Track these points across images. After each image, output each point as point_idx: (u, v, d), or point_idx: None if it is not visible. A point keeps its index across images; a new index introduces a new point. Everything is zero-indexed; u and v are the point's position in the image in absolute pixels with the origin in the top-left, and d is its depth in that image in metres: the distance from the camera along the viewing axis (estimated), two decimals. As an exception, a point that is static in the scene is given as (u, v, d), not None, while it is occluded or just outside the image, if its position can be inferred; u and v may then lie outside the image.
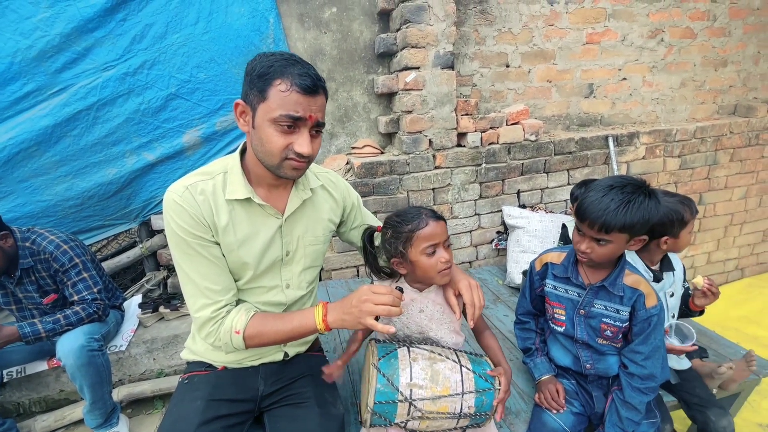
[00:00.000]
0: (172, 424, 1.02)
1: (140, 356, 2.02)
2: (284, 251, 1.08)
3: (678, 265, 1.44)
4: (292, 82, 0.86)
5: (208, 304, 0.99)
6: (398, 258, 1.09)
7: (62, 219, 2.11)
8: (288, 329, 0.99)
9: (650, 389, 1.16)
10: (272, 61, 0.88)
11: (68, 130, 1.98)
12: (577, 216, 1.15)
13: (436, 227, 1.05)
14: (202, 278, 0.98)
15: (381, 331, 0.91)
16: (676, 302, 1.42)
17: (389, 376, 1.01)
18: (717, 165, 3.00)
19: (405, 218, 1.08)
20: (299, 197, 1.08)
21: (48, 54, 1.88)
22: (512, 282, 2.27)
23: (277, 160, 0.92)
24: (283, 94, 0.86)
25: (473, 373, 1.06)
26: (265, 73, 0.87)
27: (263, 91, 0.87)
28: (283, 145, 0.90)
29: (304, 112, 0.89)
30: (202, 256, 0.97)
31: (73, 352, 1.57)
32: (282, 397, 1.14)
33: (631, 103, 2.92)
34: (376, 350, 1.07)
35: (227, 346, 1.00)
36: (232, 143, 2.25)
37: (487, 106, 2.62)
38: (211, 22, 2.04)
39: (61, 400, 1.96)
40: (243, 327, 0.98)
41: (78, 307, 1.69)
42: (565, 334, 1.29)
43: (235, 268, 1.03)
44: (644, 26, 2.78)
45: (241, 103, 0.93)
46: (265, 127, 0.89)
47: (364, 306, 0.91)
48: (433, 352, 1.08)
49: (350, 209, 1.27)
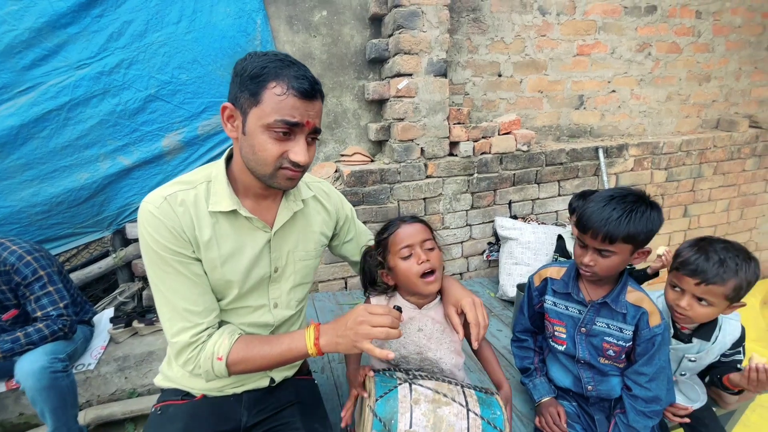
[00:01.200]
0: None
1: (111, 375, 1.88)
2: (272, 267, 0.99)
3: (730, 334, 1.19)
4: (288, 84, 0.79)
5: (187, 327, 0.88)
6: (384, 270, 1.05)
7: (28, 227, 1.96)
8: (276, 354, 0.90)
9: (655, 413, 1.11)
10: (266, 61, 0.80)
11: (36, 132, 1.84)
12: (578, 227, 1.11)
13: (408, 228, 1.01)
14: (180, 299, 0.88)
15: (379, 356, 0.82)
16: (696, 368, 1.24)
17: (386, 422, 0.91)
18: (701, 178, 3.05)
19: (383, 228, 1.07)
20: (290, 209, 0.99)
21: (16, 49, 1.75)
22: (504, 295, 2.22)
23: (270, 170, 0.84)
24: (279, 98, 0.79)
25: (481, 420, 0.97)
26: (259, 75, 0.79)
27: (256, 95, 0.79)
28: (277, 153, 0.82)
29: (301, 117, 0.82)
30: (181, 275, 0.87)
31: (34, 374, 1.43)
32: (268, 428, 1.03)
33: (619, 115, 2.95)
34: (374, 388, 0.97)
35: (208, 374, 0.90)
36: (215, 148, 2.14)
37: (479, 116, 2.59)
38: (194, 21, 1.94)
39: (21, 425, 1.80)
40: (226, 353, 0.89)
41: (41, 324, 1.55)
42: (565, 353, 1.24)
43: (218, 286, 0.93)
44: (632, 40, 2.82)
45: (230, 106, 0.84)
46: (258, 133, 0.81)
47: (360, 329, 0.82)
48: (438, 392, 0.98)
49: (344, 222, 1.20)
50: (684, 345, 1.21)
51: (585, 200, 1.48)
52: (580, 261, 1.11)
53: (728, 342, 1.19)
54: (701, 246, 1.10)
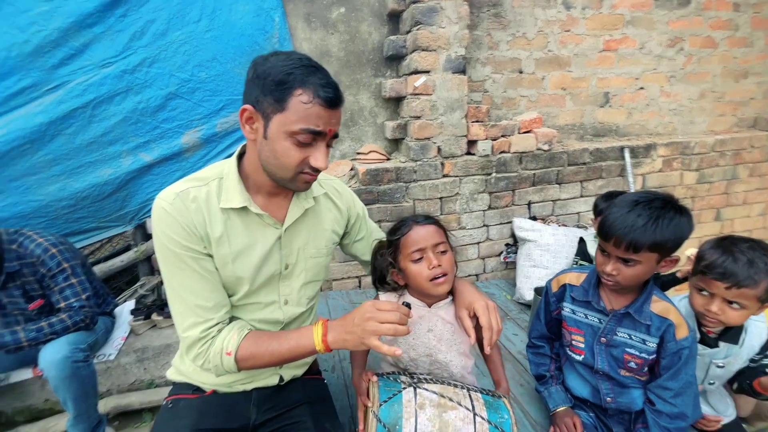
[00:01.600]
0: None
1: (130, 366, 1.93)
2: (283, 264, 0.99)
3: (758, 335, 1.14)
4: (314, 93, 0.79)
5: (198, 322, 0.89)
6: (395, 270, 1.03)
7: (54, 220, 2.04)
8: (285, 350, 0.90)
9: (680, 430, 1.05)
10: (290, 66, 0.79)
11: (63, 128, 1.90)
12: (600, 235, 1.05)
13: (420, 231, 0.99)
14: (192, 294, 0.89)
15: (386, 353, 0.81)
16: (723, 374, 1.18)
17: (390, 427, 0.89)
18: (736, 180, 2.89)
19: (394, 227, 1.04)
20: (301, 206, 0.99)
21: (45, 49, 1.81)
22: (522, 298, 2.16)
23: (291, 174, 0.86)
24: (305, 106, 0.79)
25: (489, 424, 0.94)
26: (284, 81, 0.78)
27: (281, 101, 0.79)
28: (299, 160, 0.83)
29: (325, 126, 0.82)
30: (192, 270, 0.88)
31: (56, 364, 1.47)
32: (277, 427, 1.03)
33: (648, 113, 2.82)
34: (378, 392, 0.95)
35: (217, 368, 0.91)
36: (233, 145, 2.17)
37: (499, 114, 2.53)
38: (214, 19, 1.96)
39: (46, 410, 1.87)
40: (235, 348, 0.89)
41: (64, 315, 1.60)
42: (583, 364, 1.18)
43: (229, 282, 0.94)
44: (663, 34, 2.69)
45: (250, 108, 0.83)
46: (281, 139, 0.82)
47: (368, 325, 0.81)
48: (444, 396, 0.96)
49: (355, 220, 1.18)
50: (711, 350, 1.15)
51: (611, 201, 1.42)
52: (601, 270, 1.06)
53: (756, 345, 1.13)
54: (725, 246, 1.04)
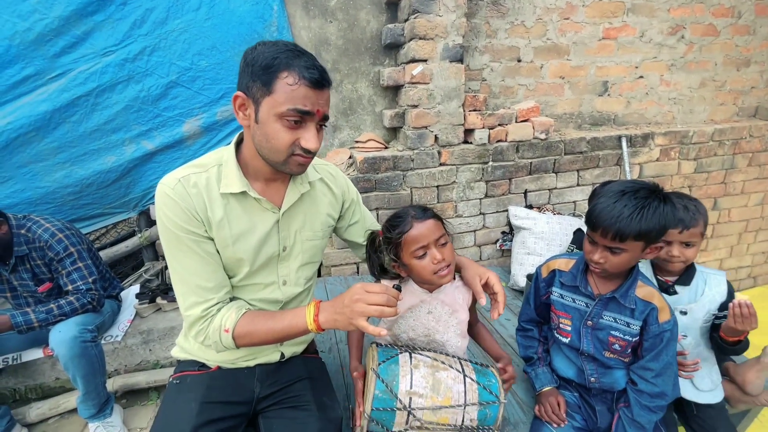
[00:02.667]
0: (164, 427, 0.98)
1: (136, 347, 2.00)
2: (281, 246, 1.04)
3: (716, 287, 1.26)
4: (299, 75, 0.82)
5: (199, 302, 0.95)
6: (396, 263, 1.05)
7: (61, 206, 2.09)
8: (279, 328, 0.95)
9: (660, 407, 1.10)
10: (276, 51, 0.83)
11: (67, 116, 1.94)
12: (588, 224, 1.08)
13: (421, 228, 1.00)
14: (193, 275, 0.94)
15: (372, 333, 0.85)
16: (690, 322, 1.28)
17: (388, 382, 0.96)
18: (734, 169, 2.89)
19: (393, 222, 1.05)
20: (297, 191, 1.03)
21: (47, 37, 1.84)
22: (516, 285, 2.21)
23: (283, 156, 0.89)
24: (291, 87, 0.82)
25: (477, 384, 1.02)
26: (270, 65, 0.82)
27: (269, 84, 0.83)
28: (290, 141, 0.86)
29: (312, 106, 0.85)
30: (194, 252, 0.93)
31: (66, 343, 1.55)
32: (279, 400, 1.10)
33: (646, 102, 2.82)
34: (377, 355, 1.03)
35: (217, 345, 0.96)
36: (233, 134, 2.20)
37: (496, 102, 2.53)
38: (213, 7, 1.98)
39: (57, 388, 1.96)
40: (232, 325, 0.94)
41: (72, 297, 1.66)
42: (569, 346, 1.23)
43: (230, 264, 0.99)
44: (664, 22, 2.67)
45: (241, 95, 0.87)
46: (271, 122, 0.85)
47: (356, 306, 0.84)
48: (436, 360, 1.03)
49: (349, 204, 1.23)
50: (672, 297, 1.26)
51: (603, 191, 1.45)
52: (590, 258, 1.09)
53: (716, 296, 1.25)
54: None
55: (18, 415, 1.79)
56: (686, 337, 1.29)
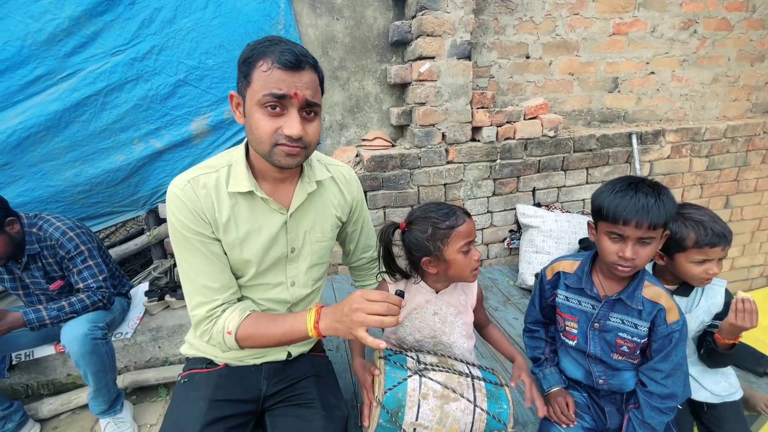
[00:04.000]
0: (174, 425, 0.99)
1: (145, 344, 2.02)
2: (289, 248, 1.04)
3: (713, 298, 1.24)
4: (273, 60, 0.82)
5: (204, 302, 0.95)
6: (431, 257, 1.04)
7: (71, 205, 2.11)
8: (279, 333, 0.94)
9: (670, 409, 1.08)
10: (255, 45, 0.85)
11: (77, 116, 1.96)
12: (613, 221, 1.02)
13: (470, 224, 1.04)
14: (199, 275, 0.94)
15: (371, 345, 0.82)
16: None
17: (393, 413, 0.94)
18: (747, 166, 2.84)
19: (440, 214, 1.04)
20: (304, 190, 1.02)
21: (57, 38, 1.85)
22: (524, 283, 2.20)
23: (267, 146, 0.86)
24: (265, 73, 0.82)
25: (487, 415, 1.00)
26: (248, 57, 0.84)
27: (248, 76, 0.84)
28: (271, 129, 0.84)
29: (288, 89, 0.82)
30: (200, 253, 0.93)
31: (77, 340, 1.57)
32: (286, 397, 1.10)
33: (658, 98, 2.77)
34: (383, 381, 0.98)
35: (221, 345, 0.97)
36: (240, 132, 2.21)
37: (504, 99, 2.51)
38: (220, 6, 1.98)
39: (69, 384, 1.98)
40: (235, 328, 0.94)
41: (83, 295, 1.68)
42: (576, 348, 1.22)
43: (237, 265, 0.99)
44: (676, 17, 2.62)
45: (235, 94, 0.90)
46: (253, 112, 0.85)
47: (355, 316, 0.81)
48: (447, 387, 0.99)
49: (356, 209, 1.22)
50: None
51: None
52: (620, 256, 1.02)
53: (712, 307, 1.23)
54: (690, 218, 1.16)
55: (30, 411, 1.82)
56: None
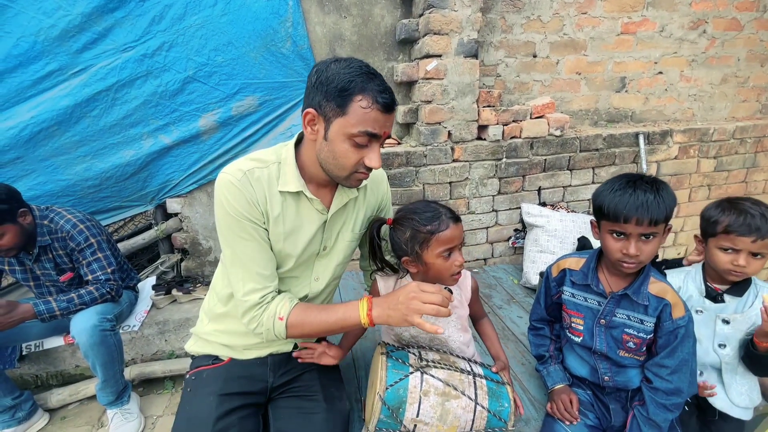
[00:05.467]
0: (187, 421, 1.01)
1: (152, 337, 2.05)
2: (322, 246, 1.08)
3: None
4: (373, 99, 0.87)
5: (258, 289, 0.98)
6: (411, 258, 1.04)
7: (81, 199, 2.14)
8: (332, 321, 0.98)
9: (675, 405, 1.08)
10: (352, 75, 0.86)
11: (88, 111, 1.98)
12: (614, 219, 1.03)
13: (455, 230, 1.01)
14: (253, 262, 0.98)
15: (429, 330, 0.88)
16: (732, 333, 1.20)
17: (394, 409, 0.96)
18: (756, 168, 2.82)
19: (423, 217, 1.02)
20: (346, 195, 1.07)
21: (70, 34, 1.88)
22: (528, 282, 2.20)
23: (347, 173, 0.94)
24: (364, 111, 0.86)
25: (488, 413, 1.00)
26: (346, 89, 0.86)
27: (343, 106, 0.87)
28: (356, 160, 0.92)
29: (381, 129, 0.90)
30: (254, 240, 0.97)
31: (86, 331, 1.59)
32: (289, 388, 1.13)
33: (666, 99, 2.76)
34: (385, 376, 0.98)
35: (269, 332, 0.99)
36: (247, 128, 2.23)
37: (511, 98, 2.51)
38: (229, 3, 1.99)
39: (77, 375, 2.01)
40: (287, 314, 0.98)
41: (92, 287, 1.71)
42: (582, 345, 1.22)
43: (277, 258, 1.03)
44: (685, 16, 2.60)
45: (313, 112, 0.91)
46: (340, 141, 0.90)
47: (412, 304, 0.88)
48: (449, 385, 1.00)
49: (384, 208, 1.26)
50: (716, 305, 1.19)
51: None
52: (624, 253, 1.03)
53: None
54: (734, 206, 1.13)
55: (40, 401, 1.85)
56: (725, 347, 1.22)
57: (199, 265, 2.45)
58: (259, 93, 2.17)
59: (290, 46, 2.14)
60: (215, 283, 1.16)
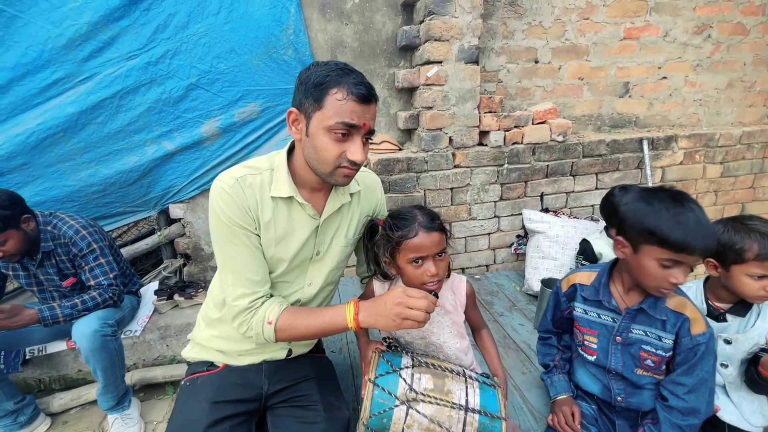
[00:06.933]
0: (179, 428, 1.01)
1: (154, 342, 2.05)
2: (315, 251, 1.09)
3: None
4: (348, 90, 0.88)
5: (247, 294, 0.99)
6: (388, 260, 1.05)
7: (85, 204, 2.17)
8: (319, 324, 0.99)
9: (691, 427, 1.02)
10: (328, 70, 0.89)
11: (93, 118, 2.01)
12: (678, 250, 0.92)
13: (425, 239, 0.96)
14: (243, 267, 0.99)
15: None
16: (734, 353, 1.16)
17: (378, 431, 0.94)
18: (764, 173, 2.77)
19: (398, 222, 1.01)
20: (338, 201, 1.08)
21: (76, 42, 1.91)
22: (530, 289, 2.17)
23: (330, 168, 0.94)
24: (339, 102, 0.88)
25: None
26: (322, 83, 0.88)
27: (319, 100, 0.89)
28: (337, 153, 0.91)
29: (359, 120, 0.90)
30: (245, 246, 0.98)
31: (87, 337, 1.60)
32: (287, 398, 1.12)
33: (670, 104, 2.73)
34: (369, 405, 0.95)
35: (258, 336, 1.00)
36: (249, 135, 2.24)
37: (513, 104, 2.50)
38: (232, 12, 2.02)
39: (79, 380, 2.02)
40: (275, 318, 0.98)
41: (95, 293, 1.72)
42: (596, 364, 1.17)
43: (270, 262, 1.04)
44: (690, 21, 2.59)
45: (295, 111, 0.94)
46: (320, 135, 0.90)
47: (397, 309, 0.89)
48: (433, 422, 0.95)
49: (378, 213, 1.25)
50: (718, 324, 1.16)
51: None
52: (673, 283, 0.95)
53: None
54: (751, 229, 1.08)
55: (42, 405, 1.86)
56: (727, 367, 1.19)
57: (201, 270, 2.47)
58: (261, 99, 2.20)
59: (292, 53, 2.16)
60: (212, 288, 1.16)
